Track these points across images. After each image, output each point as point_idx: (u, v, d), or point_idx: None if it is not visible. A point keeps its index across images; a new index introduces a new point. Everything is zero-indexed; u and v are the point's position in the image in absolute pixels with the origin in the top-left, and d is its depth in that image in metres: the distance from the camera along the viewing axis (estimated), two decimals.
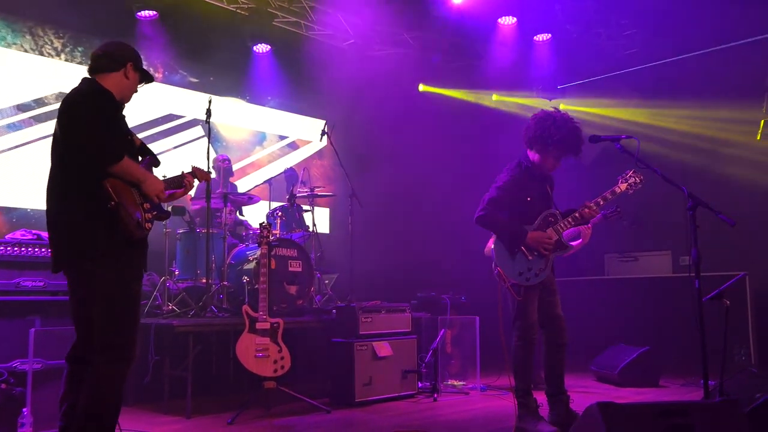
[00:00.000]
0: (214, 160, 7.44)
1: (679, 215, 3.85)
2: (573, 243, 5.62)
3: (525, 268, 4.39)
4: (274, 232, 6.42)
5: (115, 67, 3.39)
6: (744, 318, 7.18)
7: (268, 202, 7.34)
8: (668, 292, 7.94)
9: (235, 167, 8.22)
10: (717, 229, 4.19)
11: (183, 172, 3.73)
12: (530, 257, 4.39)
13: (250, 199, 6.91)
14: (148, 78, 3.58)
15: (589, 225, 5.63)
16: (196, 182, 3.80)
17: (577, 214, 4.48)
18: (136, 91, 3.53)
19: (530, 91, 10.04)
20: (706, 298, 3.69)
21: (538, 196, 4.55)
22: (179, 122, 8.21)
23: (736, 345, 7.11)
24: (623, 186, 4.48)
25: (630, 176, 4.48)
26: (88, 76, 3.39)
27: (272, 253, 5.87)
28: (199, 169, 3.87)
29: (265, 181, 7.56)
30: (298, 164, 9.06)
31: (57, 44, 7.28)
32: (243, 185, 8.34)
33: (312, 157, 9.68)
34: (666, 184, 3.88)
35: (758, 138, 8.16)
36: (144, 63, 3.59)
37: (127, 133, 3.42)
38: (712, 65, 8.40)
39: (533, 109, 9.08)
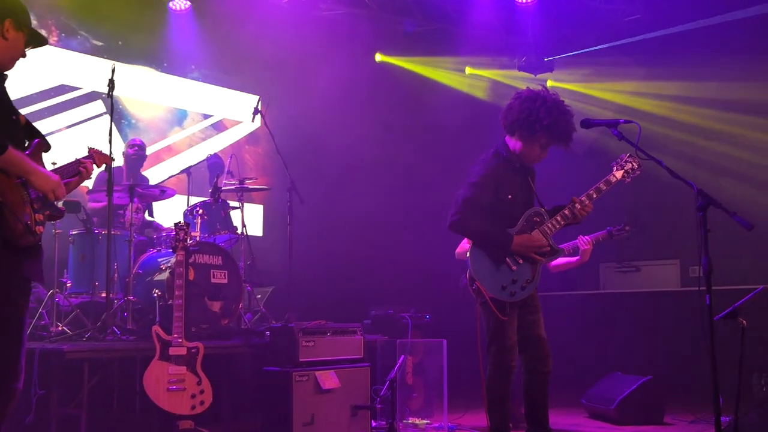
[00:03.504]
0: (125, 146, 7.36)
1: (688, 217, 3.91)
2: (571, 259, 5.68)
3: (509, 281, 4.41)
4: (193, 234, 6.34)
5: None
6: (764, 341, 7.33)
7: (186, 196, 7.27)
8: (675, 309, 8.08)
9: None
10: (733, 234, 4.26)
11: (77, 158, 3.69)
12: (514, 267, 4.41)
13: (162, 192, 6.82)
14: (38, 39, 3.51)
15: (590, 240, 5.69)
16: (95, 169, 3.78)
17: (566, 212, 4.53)
18: (22, 56, 3.45)
19: (511, 64, 10.11)
20: (718, 316, 3.74)
21: (520, 192, 4.58)
22: (74, 95, 8.09)
23: (755, 373, 7.26)
24: (619, 174, 4.54)
25: (626, 161, 4.54)
26: None
27: (190, 260, 5.80)
28: (97, 152, 3.84)
29: (182, 171, 7.47)
30: (225, 150, 8.98)
31: None
32: (156, 175, 8.25)
33: (242, 141, 9.62)
34: (673, 180, 3.93)
35: None
36: (34, 23, 3.51)
37: (12, 112, 3.35)
38: (727, 34, 8.55)
39: (515, 86, 9.17)
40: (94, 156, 3.83)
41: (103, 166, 4.08)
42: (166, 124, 8.93)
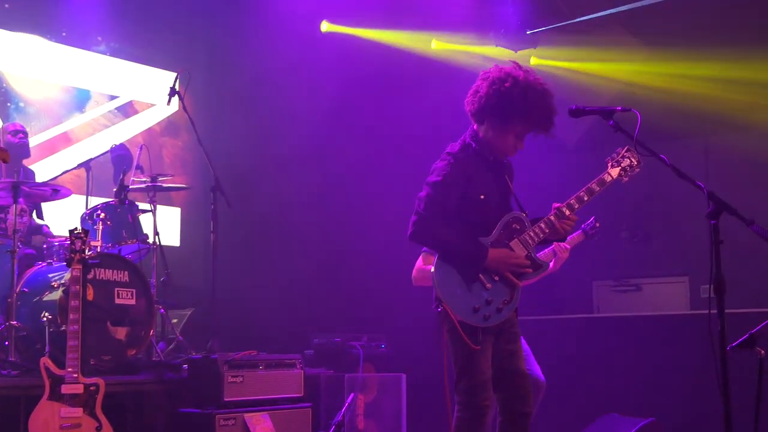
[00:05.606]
0: (2, 131, 7.26)
1: (699, 225, 3.95)
2: None
3: (482, 302, 4.41)
4: (92, 243, 6.31)
5: None
6: None
7: (84, 196, 7.26)
8: (683, 336, 8.16)
9: (36, 141, 8.05)
10: (750, 247, 4.31)
11: None
12: (489, 285, 4.42)
13: (55, 191, 6.75)
14: None
15: (567, 245, 5.72)
16: None
17: (552, 217, 4.54)
18: None
19: (487, 36, 10.16)
20: (732, 345, 3.78)
21: (494, 192, 4.59)
22: None
23: None
24: (614, 171, 4.56)
25: (623, 156, 4.57)
26: None
27: (89, 276, 5.77)
28: None
29: (80, 165, 7.44)
30: (134, 139, 8.92)
31: None
32: (47, 169, 8.18)
33: (156, 129, 9.56)
34: (680, 181, 3.97)
35: None
36: None
37: None
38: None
39: (490, 63, 9.19)
40: None
41: None
42: (62, 108, 8.87)
